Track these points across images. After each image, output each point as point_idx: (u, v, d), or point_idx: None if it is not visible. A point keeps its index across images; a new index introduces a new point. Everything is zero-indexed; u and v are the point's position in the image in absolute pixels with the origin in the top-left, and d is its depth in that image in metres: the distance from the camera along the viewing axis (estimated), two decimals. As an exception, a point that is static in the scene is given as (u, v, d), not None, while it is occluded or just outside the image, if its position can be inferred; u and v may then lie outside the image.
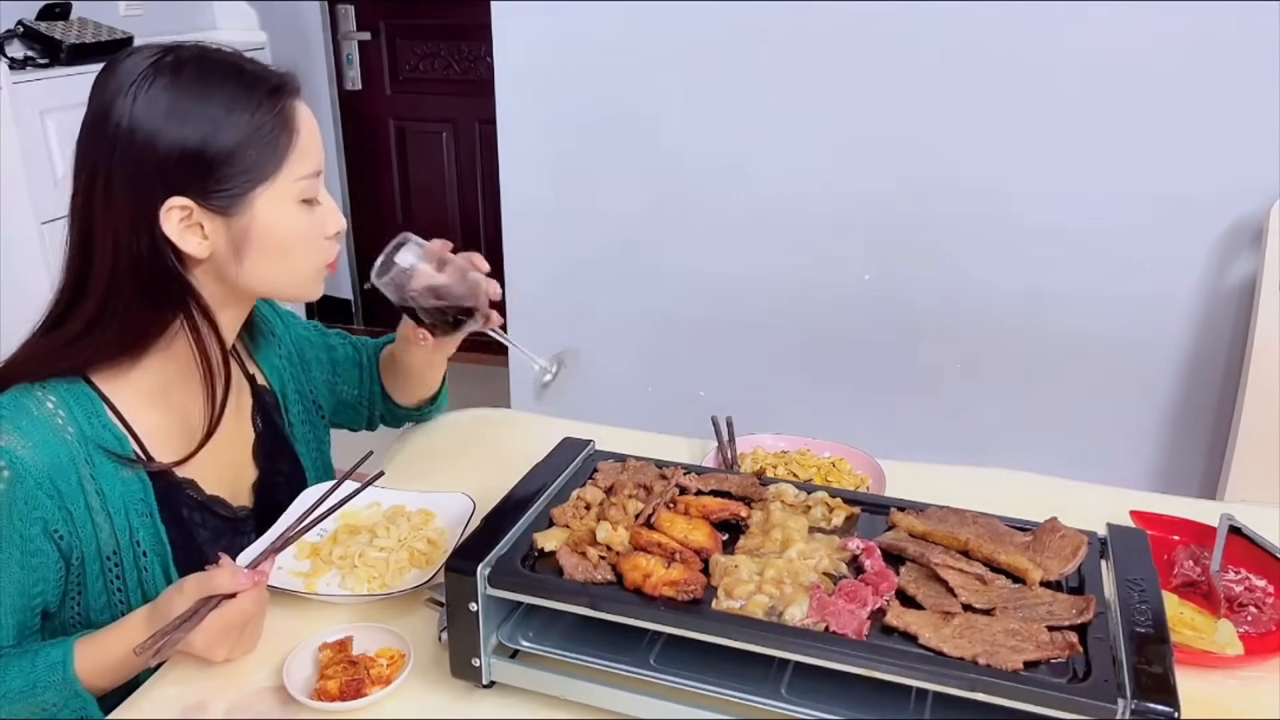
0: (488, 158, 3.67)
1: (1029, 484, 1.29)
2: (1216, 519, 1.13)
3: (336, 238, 1.05)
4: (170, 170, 0.95)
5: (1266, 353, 1.88)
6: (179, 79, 0.96)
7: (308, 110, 1.02)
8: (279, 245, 1.00)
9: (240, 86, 0.97)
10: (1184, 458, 2.13)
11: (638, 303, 2.37)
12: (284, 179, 0.99)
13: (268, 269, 1.02)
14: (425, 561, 1.08)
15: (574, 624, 0.91)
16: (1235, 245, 1.95)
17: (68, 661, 0.93)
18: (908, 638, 0.82)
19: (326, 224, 1.04)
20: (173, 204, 0.96)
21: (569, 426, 1.23)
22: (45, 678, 0.92)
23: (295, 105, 1.00)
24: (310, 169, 1.01)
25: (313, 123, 1.02)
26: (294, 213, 1.00)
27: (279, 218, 1.00)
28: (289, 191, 0.99)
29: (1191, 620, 1.00)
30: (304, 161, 1.00)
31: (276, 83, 0.99)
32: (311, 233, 1.03)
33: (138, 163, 0.95)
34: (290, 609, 1.03)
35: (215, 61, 0.99)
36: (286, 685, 0.91)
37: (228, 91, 0.97)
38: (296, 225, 1.01)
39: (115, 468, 1.01)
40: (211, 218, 0.98)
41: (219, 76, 0.97)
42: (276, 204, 0.99)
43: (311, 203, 1.02)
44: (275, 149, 0.98)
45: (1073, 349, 2.11)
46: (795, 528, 0.95)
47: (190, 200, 0.96)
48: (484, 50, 3.28)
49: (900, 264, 2.17)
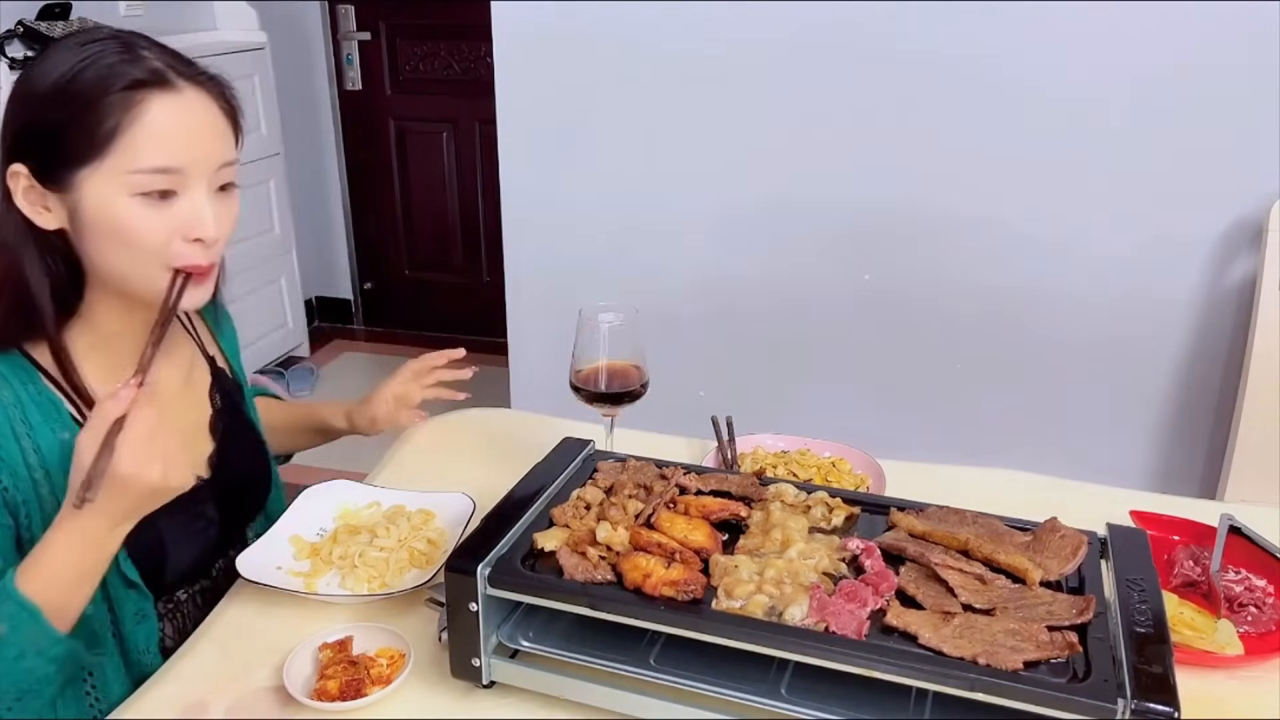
0: (488, 158, 3.67)
1: (1029, 484, 1.29)
2: (1216, 519, 1.13)
3: (199, 245, 1.00)
4: (14, 135, 0.98)
5: (1266, 353, 1.88)
6: (61, 51, 0.97)
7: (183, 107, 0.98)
8: (109, 234, 0.98)
9: (96, 69, 0.95)
10: (1184, 458, 2.13)
11: (637, 302, 2.37)
12: (111, 167, 0.95)
13: (109, 257, 0.99)
14: (425, 561, 1.08)
15: (574, 624, 0.91)
16: (1235, 245, 1.95)
17: (5, 579, 0.90)
18: (908, 638, 0.82)
19: (186, 226, 0.99)
20: (14, 170, 0.97)
21: (569, 426, 1.23)
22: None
23: (150, 97, 0.96)
24: (150, 164, 0.96)
25: (177, 120, 0.97)
26: (125, 203, 0.96)
27: (107, 205, 0.96)
28: (119, 181, 0.96)
29: (1191, 620, 1.00)
30: (139, 154, 0.95)
31: (141, 74, 0.96)
32: (151, 229, 0.97)
33: (4, 127, 0.99)
34: (290, 609, 1.03)
35: (101, 38, 0.98)
36: (286, 685, 0.91)
37: (79, 69, 0.95)
38: (127, 217, 0.97)
39: (53, 429, 1.01)
40: (46, 192, 0.98)
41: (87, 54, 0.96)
42: (104, 190, 0.96)
43: (158, 197, 0.97)
44: (99, 133, 0.95)
45: (1073, 349, 2.11)
46: (795, 528, 0.96)
47: (26, 169, 0.97)
48: (484, 50, 3.27)
49: (900, 264, 2.17)
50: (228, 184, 1.03)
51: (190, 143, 0.98)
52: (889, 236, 2.15)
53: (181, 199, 0.98)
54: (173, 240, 0.98)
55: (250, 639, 1.00)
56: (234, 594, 1.07)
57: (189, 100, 0.98)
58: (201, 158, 0.99)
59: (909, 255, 2.16)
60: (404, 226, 4.03)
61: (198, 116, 0.99)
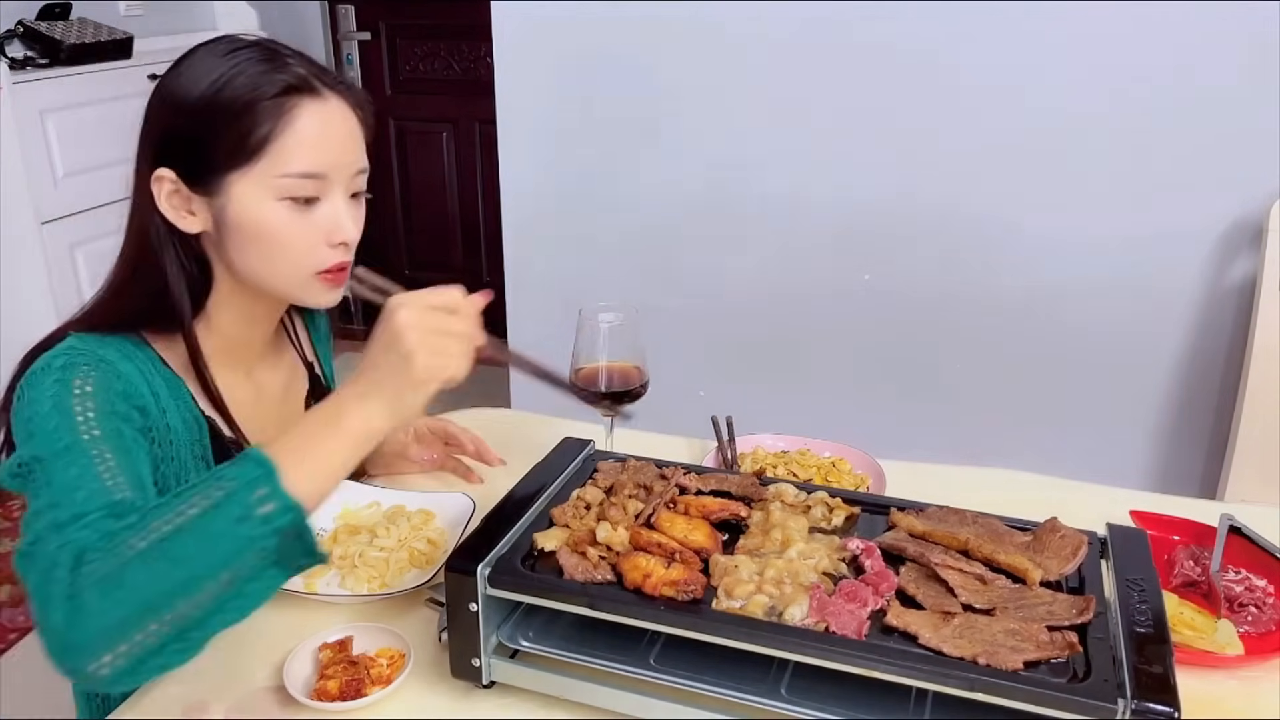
0: (488, 158, 3.67)
1: (1029, 484, 1.29)
2: (1216, 519, 1.13)
3: (341, 248, 1.03)
4: (159, 141, 1.00)
5: (1266, 353, 1.88)
6: (205, 59, 0.98)
7: (328, 115, 1.00)
8: (255, 237, 0.99)
9: (246, 76, 0.97)
10: (1184, 458, 2.13)
11: (637, 302, 2.37)
12: (261, 171, 0.97)
13: (251, 260, 1.01)
14: (425, 561, 1.08)
15: (574, 624, 0.91)
16: (1235, 245, 1.95)
17: (246, 446, 0.86)
18: (908, 638, 0.82)
19: (329, 231, 1.01)
20: (160, 174, 0.99)
21: (569, 426, 1.23)
22: (221, 468, 0.79)
23: (301, 104, 0.98)
24: (299, 169, 0.98)
25: (324, 127, 1.00)
26: (273, 208, 0.99)
27: (255, 209, 0.98)
28: (269, 185, 0.98)
29: (1191, 620, 1.00)
30: (290, 159, 0.98)
31: (291, 80, 0.98)
32: (297, 233, 1.00)
33: (146, 132, 1.01)
34: (290, 609, 1.03)
35: (244, 46, 1.00)
36: (286, 685, 0.91)
37: (230, 76, 0.97)
38: (275, 221, 0.99)
39: (178, 408, 1.03)
40: (193, 195, 0.99)
41: (234, 62, 0.98)
42: (254, 195, 0.98)
43: (304, 202, 1.00)
44: (252, 139, 0.96)
45: (1073, 349, 2.11)
46: (795, 528, 0.96)
47: (174, 173, 0.99)
48: (484, 50, 3.27)
49: (900, 264, 2.17)
50: (359, 192, 1.06)
51: (334, 149, 1.01)
52: (889, 236, 2.15)
53: (323, 204, 1.01)
54: (317, 245, 1.01)
55: (250, 639, 1.00)
56: (234, 594, 1.07)
57: (334, 107, 1.01)
58: (343, 164, 1.02)
59: (909, 255, 2.16)
60: (404, 226, 4.04)
61: (341, 124, 1.02)
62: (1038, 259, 2.07)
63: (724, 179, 2.23)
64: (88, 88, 2.73)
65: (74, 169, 2.71)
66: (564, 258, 2.41)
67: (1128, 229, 2.00)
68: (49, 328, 1.03)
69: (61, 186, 2.69)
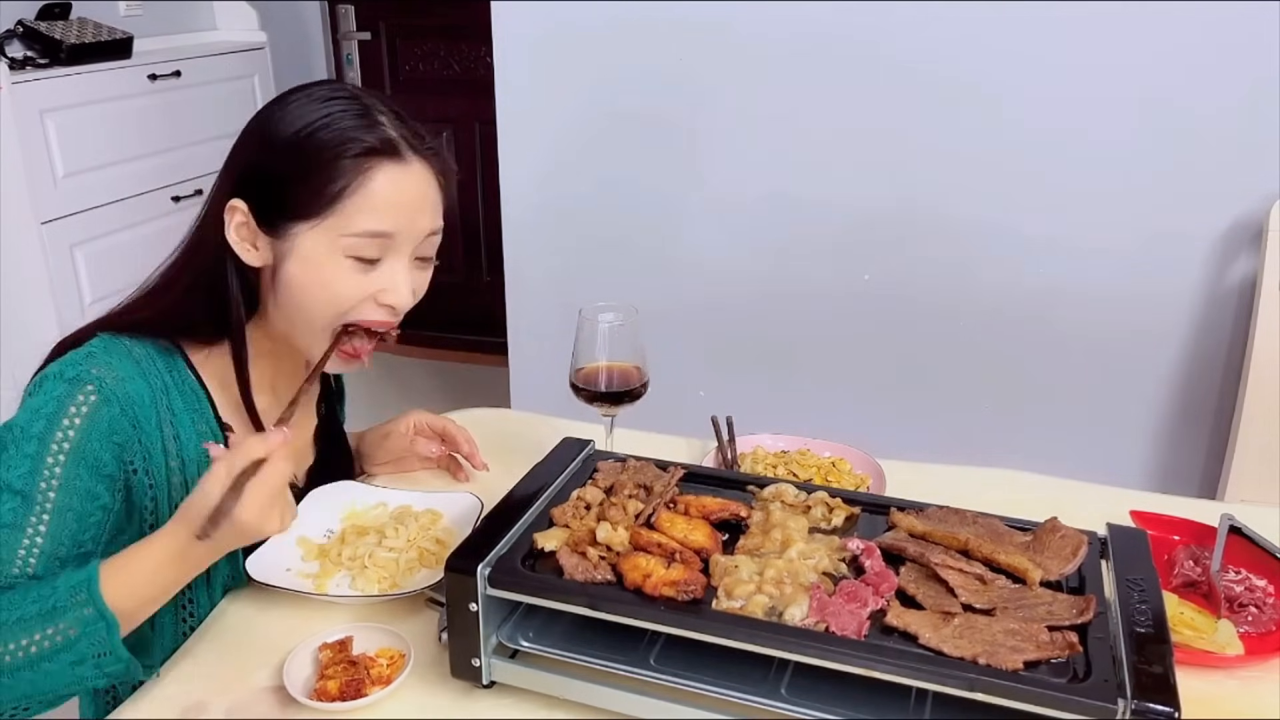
0: (488, 158, 3.67)
1: (1029, 484, 1.29)
2: (1216, 519, 1.13)
3: (388, 310, 1.04)
4: (240, 171, 1.02)
5: (1266, 353, 1.88)
6: (304, 102, 1.00)
7: (406, 179, 1.01)
8: (307, 285, 1.01)
9: (335, 130, 0.98)
10: (1184, 458, 2.13)
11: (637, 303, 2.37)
12: (329, 226, 0.99)
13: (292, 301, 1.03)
14: (435, 561, 1.08)
15: (574, 624, 0.91)
16: (1235, 245, 1.96)
17: (92, 581, 0.88)
18: (908, 638, 0.82)
19: (381, 290, 1.02)
20: (234, 204, 1.01)
21: (569, 426, 1.23)
22: (66, 600, 0.87)
23: (380, 166, 0.99)
24: (366, 229, 0.99)
25: (398, 193, 1.00)
26: (334, 262, 1.00)
27: (316, 261, 1.00)
28: (334, 241, 0.99)
29: (1191, 620, 1.00)
30: (358, 219, 0.99)
31: (375, 142, 0.99)
32: (350, 289, 1.01)
33: (232, 157, 1.04)
34: (290, 609, 1.03)
35: (342, 96, 1.01)
36: (286, 685, 0.91)
37: (319, 126, 0.98)
38: (333, 275, 1.00)
39: (193, 418, 1.04)
40: (259, 232, 1.01)
41: (327, 111, 0.99)
42: (317, 247, 1.00)
43: (365, 263, 1.01)
44: (326, 193, 0.98)
45: (1073, 349, 2.11)
46: (795, 528, 0.95)
47: (247, 206, 1.01)
48: (484, 50, 3.27)
49: (900, 264, 2.17)
50: (426, 256, 1.07)
51: (406, 213, 1.02)
52: (889, 236, 2.15)
53: (384, 264, 1.02)
54: (365, 301, 1.02)
55: (250, 639, 1.00)
56: (234, 594, 1.07)
57: (414, 172, 1.02)
58: (413, 228, 1.03)
59: (909, 255, 2.16)
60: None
61: (418, 189, 1.03)
62: (1038, 259, 2.07)
63: (724, 179, 2.23)
64: (87, 88, 2.73)
65: (74, 169, 2.71)
66: (564, 258, 2.41)
67: (1128, 229, 2.00)
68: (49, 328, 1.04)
69: (61, 186, 2.69)
